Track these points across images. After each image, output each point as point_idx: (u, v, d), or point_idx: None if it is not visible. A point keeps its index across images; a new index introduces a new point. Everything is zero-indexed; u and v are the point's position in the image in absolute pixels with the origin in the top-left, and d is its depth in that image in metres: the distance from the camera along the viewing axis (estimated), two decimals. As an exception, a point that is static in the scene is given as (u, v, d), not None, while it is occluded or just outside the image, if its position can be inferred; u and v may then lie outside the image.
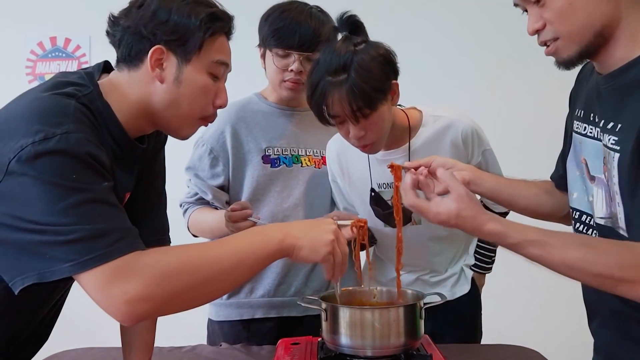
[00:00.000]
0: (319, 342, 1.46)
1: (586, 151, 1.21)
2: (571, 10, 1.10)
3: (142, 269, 0.98)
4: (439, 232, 1.66)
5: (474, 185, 1.41)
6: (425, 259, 1.71)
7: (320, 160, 1.82)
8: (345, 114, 1.44)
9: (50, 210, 0.95)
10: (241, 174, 1.76)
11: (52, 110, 1.02)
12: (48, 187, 0.96)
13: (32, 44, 3.29)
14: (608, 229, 1.16)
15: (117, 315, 0.99)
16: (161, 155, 1.41)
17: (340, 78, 1.42)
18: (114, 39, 1.15)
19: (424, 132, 1.62)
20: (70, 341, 1.68)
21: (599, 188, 1.17)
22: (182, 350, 1.66)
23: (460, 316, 1.72)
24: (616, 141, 1.09)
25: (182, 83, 1.13)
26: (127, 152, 1.17)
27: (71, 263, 0.95)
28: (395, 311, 1.33)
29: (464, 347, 1.62)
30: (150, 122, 1.18)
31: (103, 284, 0.96)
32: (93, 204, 0.99)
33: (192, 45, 1.12)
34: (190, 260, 1.03)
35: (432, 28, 3.06)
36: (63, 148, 0.97)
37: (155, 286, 0.98)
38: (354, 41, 1.46)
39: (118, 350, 1.44)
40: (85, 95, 1.08)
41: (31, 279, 0.97)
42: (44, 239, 0.95)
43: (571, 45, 1.12)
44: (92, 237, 0.96)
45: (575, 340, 1.49)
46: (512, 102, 3.01)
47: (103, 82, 1.15)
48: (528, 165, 2.80)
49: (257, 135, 1.77)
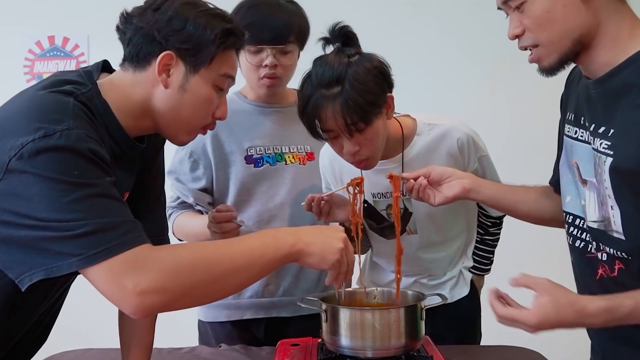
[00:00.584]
0: (319, 343, 1.45)
1: (577, 154, 1.21)
2: (549, 19, 1.11)
3: (155, 261, 0.98)
4: (434, 239, 1.65)
5: (474, 193, 1.41)
6: (423, 265, 1.69)
7: (304, 156, 1.79)
8: (340, 128, 1.39)
9: (54, 206, 0.95)
10: (225, 176, 1.74)
11: (52, 107, 1.01)
12: (50, 183, 0.95)
13: (30, 42, 3.28)
14: (601, 232, 1.16)
15: (128, 308, 0.98)
16: (161, 155, 1.40)
17: (334, 91, 1.38)
18: (124, 36, 1.14)
19: (418, 142, 1.58)
20: (68, 342, 1.67)
21: (591, 191, 1.17)
22: (181, 352, 1.65)
23: (460, 319, 1.70)
24: (609, 146, 1.10)
25: (186, 92, 1.13)
26: (126, 151, 1.17)
27: (79, 257, 0.95)
28: (396, 312, 1.33)
29: (465, 348, 1.61)
30: (152, 122, 1.18)
31: (114, 276, 0.96)
32: (98, 198, 0.98)
33: (204, 57, 1.12)
34: (203, 257, 1.03)
35: (433, 27, 3.06)
36: (64, 144, 0.97)
37: (167, 279, 0.98)
38: (347, 53, 1.42)
39: (117, 351, 1.43)
40: (83, 93, 1.08)
41: (39, 274, 0.96)
42: (49, 235, 0.95)
43: (551, 53, 1.13)
44: (100, 229, 0.96)
45: (576, 341, 1.49)
46: (513, 102, 3.00)
47: (102, 81, 1.15)
48: (529, 166, 2.81)
49: (239, 135, 1.74)
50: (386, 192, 1.61)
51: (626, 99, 1.08)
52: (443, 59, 3.05)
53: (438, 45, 3.04)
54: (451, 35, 3.03)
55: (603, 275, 1.17)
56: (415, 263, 1.67)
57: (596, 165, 1.13)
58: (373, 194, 1.62)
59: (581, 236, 1.23)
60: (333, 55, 1.42)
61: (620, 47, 1.10)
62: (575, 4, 1.09)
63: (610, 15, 1.10)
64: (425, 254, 1.67)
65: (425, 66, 2.97)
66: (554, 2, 1.10)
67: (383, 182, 1.55)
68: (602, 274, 1.17)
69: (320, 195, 1.54)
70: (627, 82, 1.08)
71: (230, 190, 1.74)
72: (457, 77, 3.02)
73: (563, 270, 1.34)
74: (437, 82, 3.01)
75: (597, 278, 1.17)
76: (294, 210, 1.75)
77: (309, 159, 1.79)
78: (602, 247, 1.17)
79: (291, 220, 1.74)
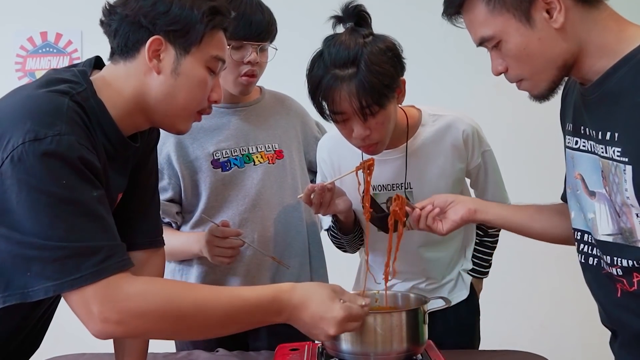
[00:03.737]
0: (318, 347, 1.42)
1: (581, 166, 1.17)
2: (528, 55, 1.09)
3: (124, 298, 0.99)
4: (433, 237, 1.61)
5: (480, 213, 1.39)
6: (420, 265, 1.66)
7: (273, 154, 1.74)
8: (354, 110, 1.36)
9: (37, 220, 0.94)
10: (193, 183, 1.69)
11: (45, 109, 1.00)
12: (36, 194, 0.94)
13: (22, 39, 3.22)
14: (617, 245, 1.11)
15: (91, 330, 1.02)
16: (153, 155, 1.38)
17: (349, 72, 1.35)
18: (109, 29, 1.12)
19: (422, 132, 1.56)
20: (61, 347, 1.65)
21: (601, 204, 1.13)
22: (177, 356, 1.62)
23: (458, 323, 1.67)
24: (621, 152, 1.05)
25: (179, 75, 1.11)
26: (120, 151, 1.15)
27: (56, 282, 0.96)
28: (398, 316, 1.30)
29: (469, 352, 1.59)
30: (146, 117, 1.16)
31: (83, 302, 0.99)
32: (82, 217, 0.98)
33: (193, 38, 1.10)
34: (176, 307, 1.03)
35: (433, 26, 3.02)
36: (55, 150, 0.95)
37: (131, 319, 1.00)
38: (361, 33, 1.39)
39: (110, 356, 1.41)
40: (79, 93, 1.06)
41: (14, 298, 0.98)
42: (29, 254, 0.95)
43: (538, 83, 1.12)
44: (79, 254, 0.96)
45: (583, 346, 1.47)
46: (515, 102, 2.97)
47: (95, 78, 1.12)
48: (531, 167, 2.79)
49: (203, 140, 1.69)
50: (387, 185, 1.58)
51: (626, 100, 1.05)
52: (443, 59, 3.03)
53: (438, 44, 3.01)
54: (451, 34, 3.00)
55: (623, 290, 1.13)
56: (415, 262, 1.64)
57: (610, 174, 1.09)
58: (374, 187, 1.57)
59: (592, 252, 1.19)
60: (347, 35, 1.39)
61: (609, 52, 1.08)
62: (551, 34, 1.07)
63: (590, 30, 1.08)
64: (425, 252, 1.64)
65: (425, 65, 2.93)
66: (529, 38, 1.08)
67: (385, 173, 1.52)
68: (621, 289, 1.13)
69: (323, 184, 1.49)
70: (624, 82, 1.05)
71: (200, 198, 1.69)
72: (457, 77, 3.00)
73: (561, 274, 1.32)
74: (437, 82, 3.00)
75: (618, 296, 1.13)
76: (267, 211, 1.71)
77: (278, 157, 1.74)
78: (615, 262, 1.12)
79: (263, 222, 1.71)
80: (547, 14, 1.06)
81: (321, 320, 1.12)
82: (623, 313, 1.15)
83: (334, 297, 1.14)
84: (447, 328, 1.61)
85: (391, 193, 1.56)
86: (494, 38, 1.10)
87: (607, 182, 1.10)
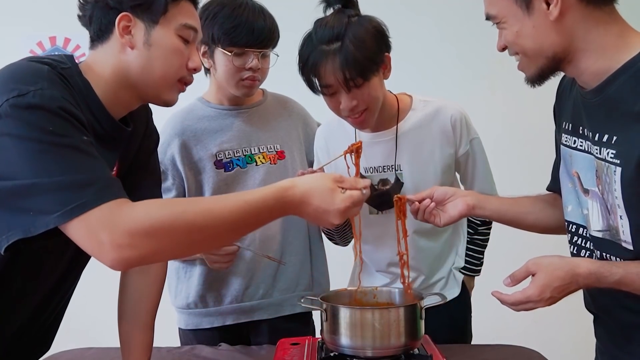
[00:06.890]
0: (318, 342, 1.45)
1: (577, 164, 1.21)
2: (519, 39, 1.14)
3: (130, 218, 0.97)
4: (423, 225, 1.62)
5: (478, 209, 1.42)
6: (410, 253, 1.67)
7: (275, 155, 1.77)
8: (339, 82, 1.43)
9: (31, 165, 0.96)
10: (197, 184, 1.73)
11: (26, 71, 1.04)
12: (27, 143, 0.97)
13: (32, 43, 3.28)
14: (606, 241, 1.16)
15: (106, 262, 0.99)
16: (154, 156, 1.41)
17: (333, 47, 1.42)
18: (85, 20, 1.17)
19: (412, 116, 1.62)
20: (68, 342, 1.66)
21: (594, 201, 1.17)
22: (181, 350, 1.65)
23: (450, 320, 1.69)
24: (615, 154, 1.09)
25: (152, 46, 1.15)
26: (109, 131, 1.17)
27: (57, 213, 0.95)
28: (396, 311, 1.33)
29: (463, 347, 1.61)
30: (132, 93, 1.19)
31: (90, 231, 0.96)
32: (74, 152, 0.99)
33: (157, 9, 1.14)
34: (184, 220, 1.01)
35: (429, 28, 3.05)
36: (37, 103, 0.98)
37: (141, 238, 0.97)
38: (347, 13, 1.46)
39: (117, 350, 1.43)
40: (63, 69, 1.10)
41: (17, 234, 0.97)
42: (26, 192, 0.96)
43: (530, 64, 1.16)
44: (76, 184, 0.96)
45: (575, 339, 1.49)
46: (509, 103, 3.00)
47: (80, 64, 1.17)
48: (525, 166, 2.81)
49: (206, 141, 1.73)
50: (378, 167, 1.62)
51: (624, 107, 1.08)
52: (439, 60, 3.04)
53: (434, 46, 3.04)
54: (447, 37, 3.03)
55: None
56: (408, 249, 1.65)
57: (603, 174, 1.13)
58: (365, 169, 1.62)
59: (585, 245, 1.23)
60: (333, 15, 1.47)
61: (608, 55, 1.11)
62: (545, 25, 1.11)
63: (590, 28, 1.10)
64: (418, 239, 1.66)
65: (421, 67, 2.96)
66: (524, 23, 1.12)
67: (376, 155, 1.57)
68: None
69: (313, 169, 1.54)
70: (623, 91, 1.09)
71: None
72: (453, 79, 3.01)
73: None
74: (434, 84, 2.99)
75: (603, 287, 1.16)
76: None
77: (279, 158, 1.78)
78: (606, 256, 1.17)
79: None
80: (546, 5, 1.10)
81: (325, 213, 1.13)
82: (607, 301, 1.18)
83: (334, 188, 1.14)
84: (440, 325, 1.62)
85: (382, 175, 1.62)
86: (496, 17, 1.16)
87: (600, 182, 1.14)
